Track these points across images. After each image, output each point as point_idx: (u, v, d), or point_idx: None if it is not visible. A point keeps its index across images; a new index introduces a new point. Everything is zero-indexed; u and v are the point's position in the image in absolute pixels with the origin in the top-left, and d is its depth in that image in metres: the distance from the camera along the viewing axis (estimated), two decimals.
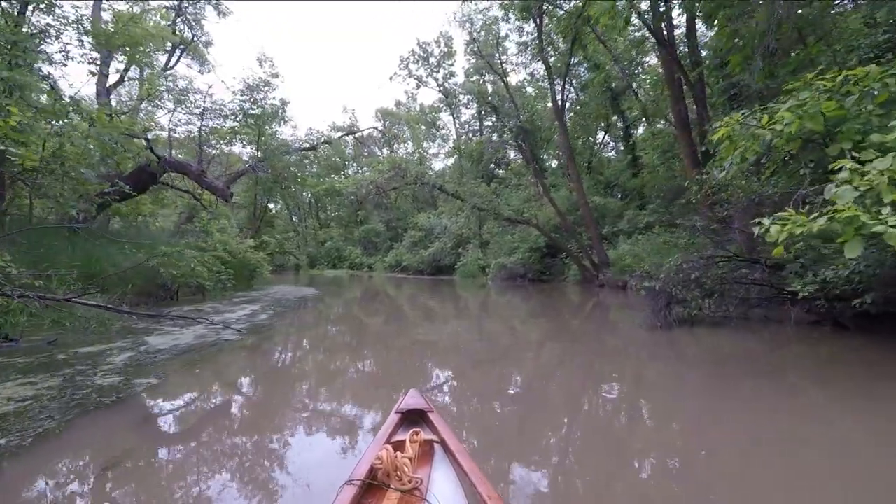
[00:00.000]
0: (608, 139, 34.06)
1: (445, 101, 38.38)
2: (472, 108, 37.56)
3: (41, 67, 8.71)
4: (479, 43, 26.22)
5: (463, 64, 41.02)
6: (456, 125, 41.16)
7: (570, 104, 27.81)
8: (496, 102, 28.00)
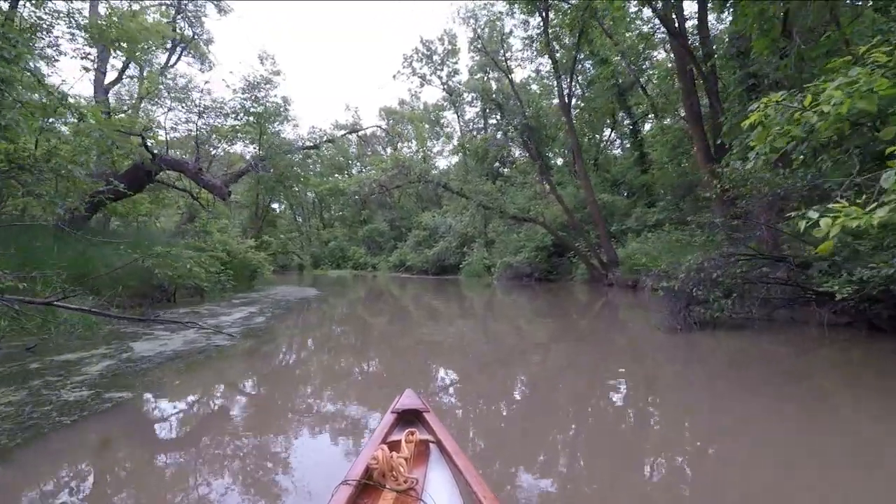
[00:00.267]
0: (614, 136, 33.63)
1: (449, 99, 38.00)
2: (476, 106, 37.21)
3: (30, 62, 8.37)
4: (482, 40, 25.84)
5: (467, 62, 40.75)
6: (460, 124, 40.84)
7: (576, 100, 27.38)
8: (500, 100, 27.57)
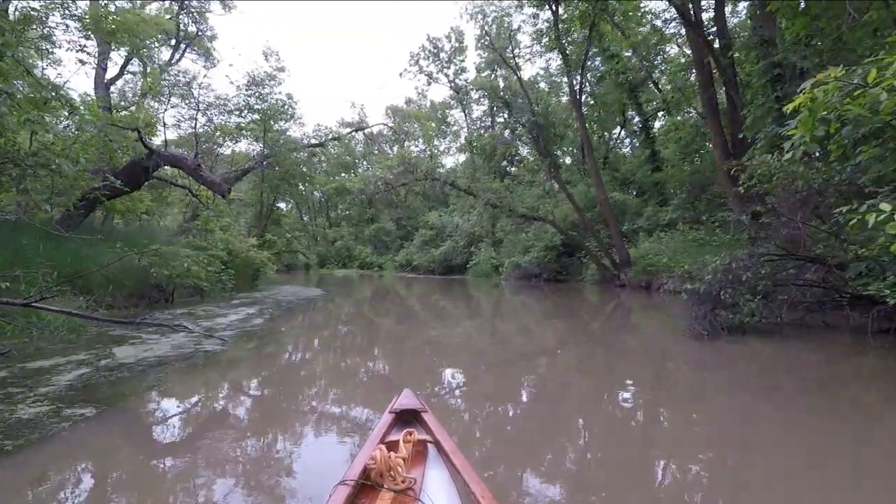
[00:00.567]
0: (624, 135, 33.07)
1: (457, 97, 37.57)
2: (483, 104, 36.75)
3: (20, 54, 8.03)
4: (490, 37, 25.38)
5: (474, 59, 40.32)
6: (467, 122, 40.39)
7: (586, 96, 26.83)
8: (508, 98, 27.10)
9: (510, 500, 2.32)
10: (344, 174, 44.92)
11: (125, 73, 16.16)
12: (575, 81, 18.27)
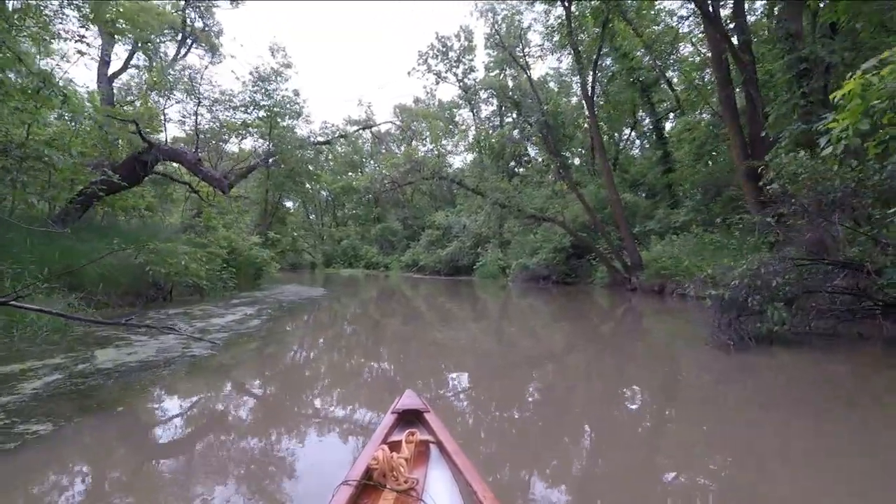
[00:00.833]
0: (634, 136, 32.58)
1: (465, 96, 37.20)
2: (492, 104, 36.35)
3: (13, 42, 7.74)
4: (500, 35, 24.96)
5: (483, 58, 39.97)
6: (476, 122, 39.98)
7: (596, 97, 26.35)
8: (517, 97, 26.68)
9: (512, 501, 2.31)
10: (351, 173, 44.69)
11: (129, 66, 15.91)
12: (587, 79, 17.83)
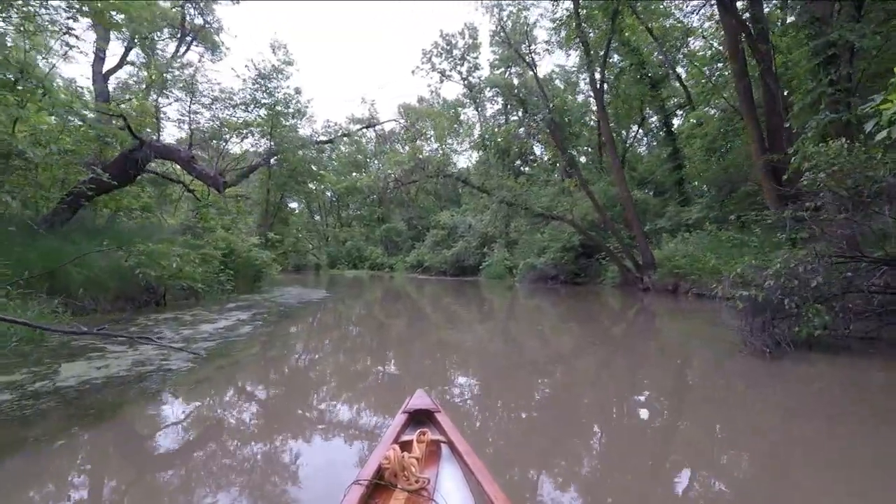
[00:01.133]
0: (641, 134, 32.05)
1: (470, 95, 36.68)
2: (497, 102, 35.82)
3: None
4: (506, 32, 24.46)
5: (488, 56, 39.55)
6: (481, 121, 39.43)
7: (604, 93, 25.81)
8: (523, 95, 26.16)
9: (523, 502, 2.30)
10: (356, 174, 44.26)
11: (125, 63, 15.51)
12: (596, 73, 17.28)
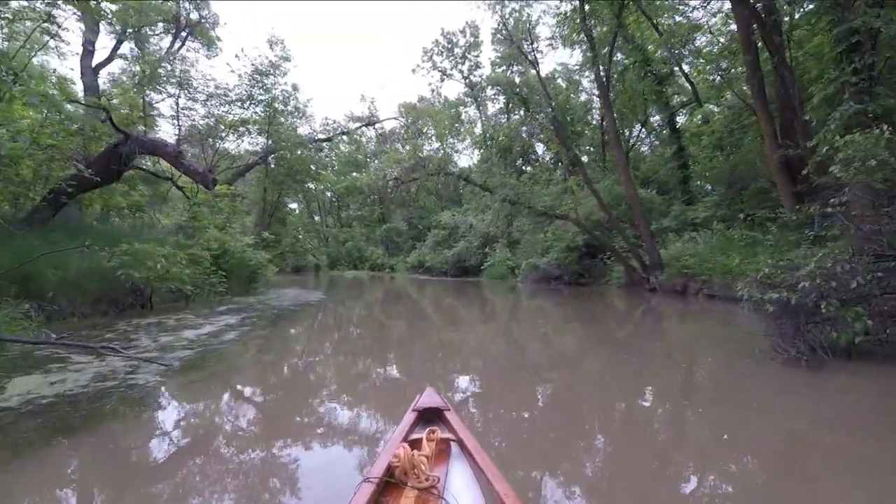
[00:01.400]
0: (643, 134, 31.59)
1: (471, 94, 36.24)
2: (498, 101, 35.36)
3: None
4: (508, 29, 24.02)
5: (489, 55, 39.13)
6: (482, 120, 38.98)
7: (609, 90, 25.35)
8: (525, 94, 25.71)
9: (532, 500, 2.29)
10: (356, 174, 43.76)
11: (115, 57, 15.04)
12: (601, 69, 16.79)
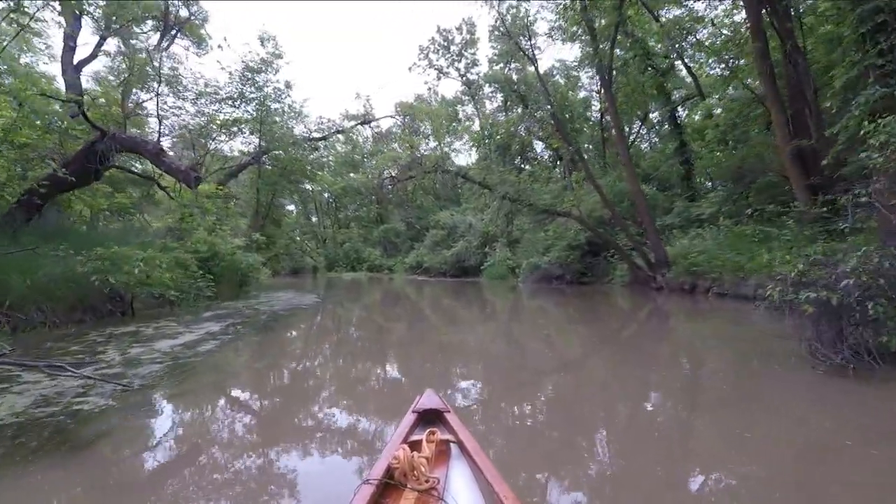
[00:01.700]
0: (643, 131, 31.21)
1: (468, 92, 35.75)
2: (496, 99, 34.89)
3: None
4: (506, 25, 23.55)
5: (487, 52, 38.75)
6: (480, 118, 38.51)
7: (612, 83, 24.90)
8: (523, 91, 25.22)
9: (532, 502, 2.28)
10: (353, 174, 43.24)
11: (99, 53, 14.46)
12: (604, 60, 16.27)
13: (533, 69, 21.62)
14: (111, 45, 16.62)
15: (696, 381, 4.82)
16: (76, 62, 13.33)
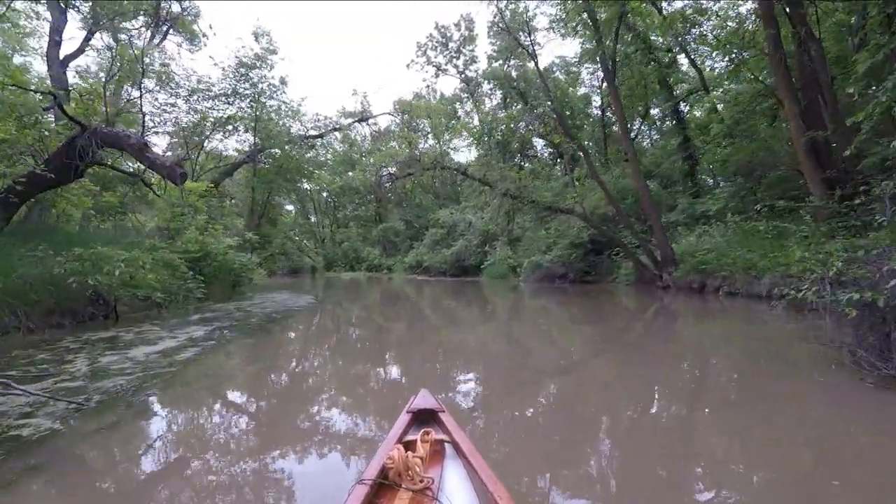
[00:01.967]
0: (644, 127, 30.79)
1: (467, 89, 35.31)
2: (495, 97, 34.47)
3: None
4: (505, 20, 23.12)
5: (486, 49, 38.39)
6: (479, 115, 38.10)
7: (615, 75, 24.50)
8: (523, 88, 24.79)
9: (527, 502, 2.28)
10: (351, 173, 42.83)
11: (86, 48, 14.01)
12: (606, 53, 15.85)
13: (532, 65, 21.23)
14: (101, 41, 16.27)
15: (717, 384, 4.47)
16: (62, 57, 12.92)
